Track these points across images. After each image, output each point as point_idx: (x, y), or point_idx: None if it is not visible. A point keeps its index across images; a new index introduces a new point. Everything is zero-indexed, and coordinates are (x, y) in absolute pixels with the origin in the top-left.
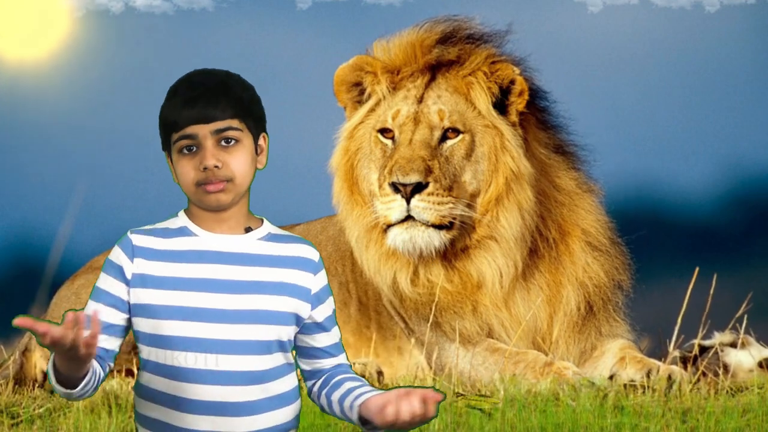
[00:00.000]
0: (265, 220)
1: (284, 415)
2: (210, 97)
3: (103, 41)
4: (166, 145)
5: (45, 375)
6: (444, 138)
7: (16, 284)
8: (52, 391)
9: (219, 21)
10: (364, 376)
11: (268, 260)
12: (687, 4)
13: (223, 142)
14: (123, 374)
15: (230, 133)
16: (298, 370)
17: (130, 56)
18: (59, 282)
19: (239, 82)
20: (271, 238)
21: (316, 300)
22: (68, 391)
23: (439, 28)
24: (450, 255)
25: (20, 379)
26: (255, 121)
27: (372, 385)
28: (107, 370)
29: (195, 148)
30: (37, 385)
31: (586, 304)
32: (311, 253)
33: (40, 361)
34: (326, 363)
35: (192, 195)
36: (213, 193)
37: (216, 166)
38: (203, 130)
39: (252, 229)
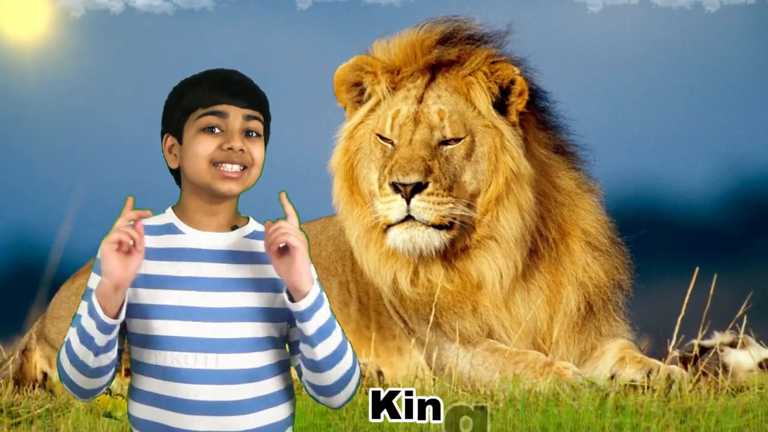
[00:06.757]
0: (251, 219)
1: (279, 412)
2: (245, 86)
3: (103, 41)
4: (177, 127)
5: (45, 375)
6: (445, 143)
7: (16, 284)
8: (52, 391)
9: (219, 21)
10: (363, 377)
11: (255, 257)
12: (687, 4)
13: (245, 133)
14: (123, 374)
15: (256, 124)
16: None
17: (130, 56)
18: (59, 282)
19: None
20: (256, 235)
21: None
22: (113, 321)
23: (439, 29)
24: (450, 255)
25: (20, 379)
26: (268, 131)
27: (372, 385)
28: (118, 364)
29: (218, 130)
30: (37, 385)
31: (586, 304)
32: None
33: (40, 361)
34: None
35: (201, 175)
36: (227, 178)
37: (241, 150)
38: (235, 111)
39: (238, 227)
